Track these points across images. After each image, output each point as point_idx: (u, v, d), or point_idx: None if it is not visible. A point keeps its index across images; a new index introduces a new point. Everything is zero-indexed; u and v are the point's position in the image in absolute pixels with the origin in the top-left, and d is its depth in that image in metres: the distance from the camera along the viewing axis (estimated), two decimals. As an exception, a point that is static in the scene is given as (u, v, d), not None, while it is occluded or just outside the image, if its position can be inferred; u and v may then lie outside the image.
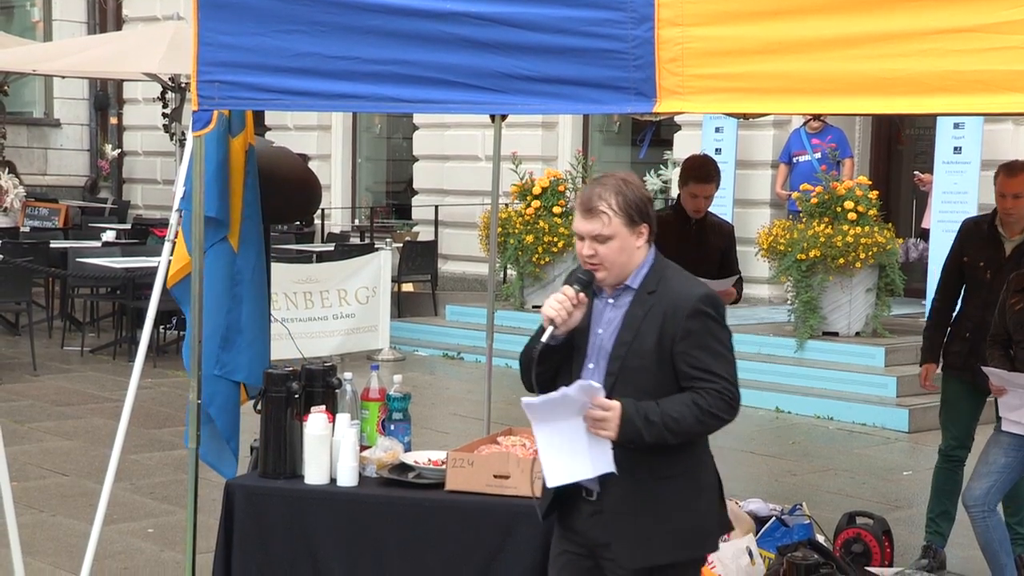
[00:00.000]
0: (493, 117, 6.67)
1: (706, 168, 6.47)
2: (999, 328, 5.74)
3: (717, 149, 13.44)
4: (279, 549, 4.73)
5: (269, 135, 16.32)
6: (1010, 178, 6.05)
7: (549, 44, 4.06)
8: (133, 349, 11.50)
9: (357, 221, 18.20)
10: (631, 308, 3.71)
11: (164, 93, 16.77)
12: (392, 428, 4.98)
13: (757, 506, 6.25)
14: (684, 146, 13.83)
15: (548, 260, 13.09)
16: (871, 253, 10.76)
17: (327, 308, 12.13)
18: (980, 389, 5.90)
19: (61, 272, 13.14)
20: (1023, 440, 5.56)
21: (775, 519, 6.05)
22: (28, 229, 16.35)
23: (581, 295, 3.68)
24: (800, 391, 10.63)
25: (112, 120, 21.09)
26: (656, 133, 15.37)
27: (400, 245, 14.74)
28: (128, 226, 17.03)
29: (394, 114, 16.92)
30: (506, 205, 13.51)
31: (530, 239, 12.91)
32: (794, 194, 12.00)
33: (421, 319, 14.39)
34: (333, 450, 4.74)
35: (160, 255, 5.44)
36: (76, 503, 7.38)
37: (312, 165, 14.70)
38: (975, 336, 6.07)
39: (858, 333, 11.12)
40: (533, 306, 13.08)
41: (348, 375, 5.02)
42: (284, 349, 6.46)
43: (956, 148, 12.00)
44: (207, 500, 5.19)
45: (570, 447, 3.60)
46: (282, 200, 5.62)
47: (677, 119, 14.05)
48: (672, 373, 3.65)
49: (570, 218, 10.79)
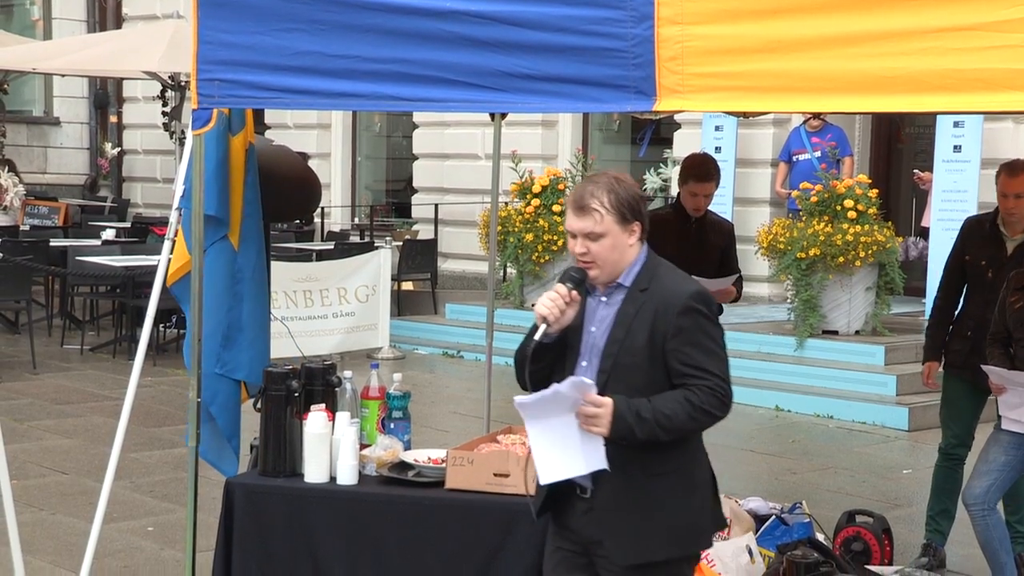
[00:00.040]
0: (493, 115, 6.66)
1: (706, 167, 6.47)
2: (999, 326, 5.74)
3: (717, 147, 13.44)
4: (279, 547, 4.73)
5: (269, 133, 16.31)
6: (1012, 178, 6.04)
7: (549, 42, 4.07)
8: (133, 347, 11.50)
9: (357, 219, 18.20)
10: (623, 306, 3.72)
11: (164, 91, 16.77)
12: (392, 426, 4.98)
13: (757, 504, 6.26)
14: (684, 144, 13.83)
15: (548, 258, 13.09)
16: (871, 251, 10.77)
17: (327, 306, 12.13)
18: (981, 388, 5.90)
19: (61, 270, 13.14)
20: (1023, 438, 5.56)
21: (775, 517, 6.05)
22: (28, 227, 16.35)
23: (574, 293, 3.69)
24: (800, 390, 10.63)
25: (112, 118, 21.09)
26: (656, 131, 15.37)
27: (400, 243, 14.74)
28: (128, 224, 17.03)
29: (394, 112, 16.92)
30: (506, 203, 13.51)
31: (530, 237, 12.91)
32: (794, 192, 12.00)
33: (421, 317, 14.39)
34: (333, 448, 4.74)
35: (160, 253, 5.44)
36: (76, 501, 7.38)
37: (312, 163, 14.71)
38: (976, 335, 6.07)
39: (858, 331, 11.12)
40: (532, 304, 13.06)
41: (348, 373, 5.02)
42: (284, 348, 6.45)
43: (956, 146, 12.00)
44: (207, 498, 5.19)
45: (563, 444, 3.60)
46: (282, 198, 5.62)
47: (677, 117, 14.05)
48: (664, 370, 3.66)
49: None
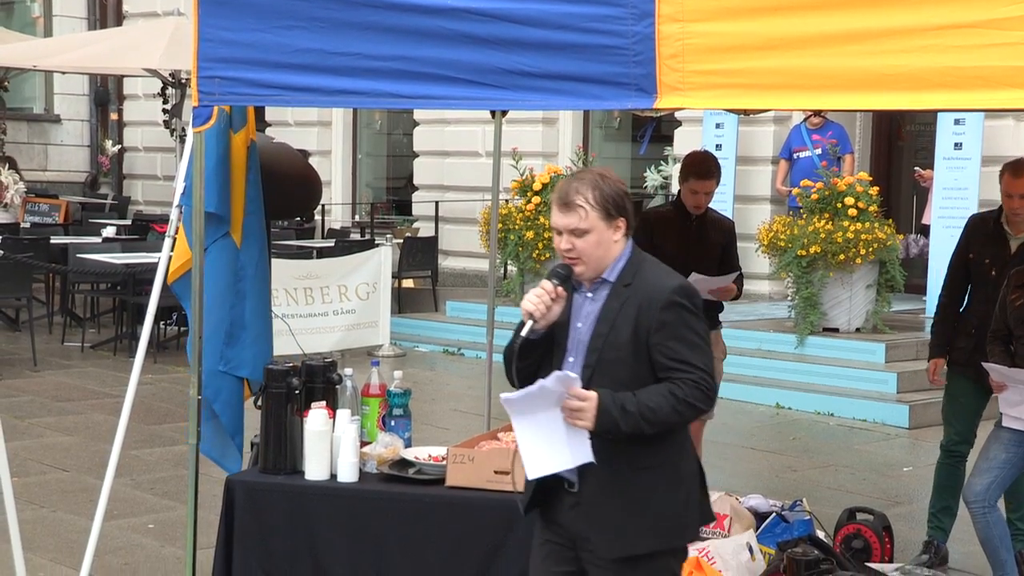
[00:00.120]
0: (493, 113, 6.67)
1: (706, 164, 6.47)
2: (1000, 324, 5.74)
3: (717, 145, 13.44)
4: (279, 545, 4.74)
5: (270, 131, 16.31)
6: (1016, 178, 6.04)
7: (550, 40, 4.07)
8: (133, 345, 11.49)
9: (357, 217, 18.20)
10: (608, 301, 3.74)
11: (164, 89, 16.77)
12: (392, 424, 4.98)
13: (757, 502, 6.26)
14: (684, 142, 13.83)
15: (548, 256, 13.07)
16: (871, 249, 10.76)
17: (327, 304, 12.13)
18: (984, 385, 5.90)
19: (61, 268, 13.14)
20: (1023, 436, 5.56)
21: (775, 515, 6.05)
22: (28, 225, 16.34)
23: (559, 289, 3.71)
24: (800, 387, 10.63)
25: (112, 116, 21.09)
26: (656, 129, 15.36)
27: (400, 241, 14.74)
28: (128, 222, 17.03)
29: (394, 110, 16.92)
30: (506, 201, 13.50)
31: (530, 235, 12.90)
32: (794, 190, 12.00)
33: (421, 315, 14.38)
34: (333, 446, 4.75)
35: (160, 251, 5.45)
36: (76, 499, 7.38)
37: (312, 161, 14.72)
38: (980, 332, 6.06)
39: (858, 329, 11.12)
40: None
41: (348, 371, 5.02)
42: (284, 345, 6.46)
43: (957, 144, 12.01)
44: (208, 496, 5.19)
45: (549, 438, 3.62)
46: (282, 196, 5.63)
47: (677, 115, 14.04)
48: (649, 365, 3.68)
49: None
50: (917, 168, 12.92)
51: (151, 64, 15.07)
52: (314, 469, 4.75)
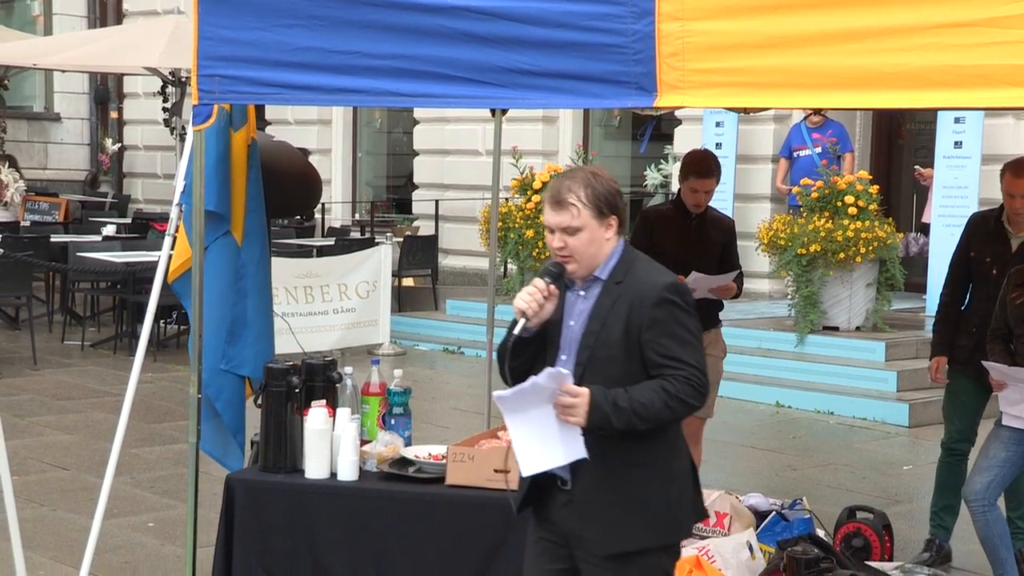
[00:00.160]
0: (493, 111, 6.67)
1: (706, 163, 6.46)
2: (1000, 322, 5.74)
3: (717, 143, 13.43)
4: (279, 543, 4.74)
5: (270, 129, 16.33)
6: (1017, 178, 6.03)
7: (549, 38, 4.07)
8: (133, 343, 11.50)
9: (357, 215, 18.20)
10: (599, 299, 3.75)
11: (164, 87, 16.77)
12: (392, 422, 4.98)
13: (757, 500, 6.26)
14: (684, 141, 13.82)
15: (548, 254, 13.03)
16: (871, 248, 10.76)
17: (327, 302, 12.13)
18: (985, 384, 5.89)
19: (61, 266, 13.14)
20: (1023, 434, 5.56)
21: (775, 513, 6.05)
22: (28, 223, 16.34)
23: (552, 287, 3.73)
24: (800, 386, 10.63)
25: (112, 114, 21.09)
26: (656, 128, 15.37)
27: (400, 239, 14.74)
28: (128, 220, 17.03)
29: (394, 108, 16.91)
30: (506, 199, 13.50)
31: (530, 233, 12.90)
32: (794, 188, 12.00)
33: (421, 313, 14.38)
34: (333, 444, 4.75)
35: (160, 249, 5.45)
36: (76, 497, 7.38)
37: (312, 159, 14.71)
38: (981, 331, 6.05)
39: (858, 328, 11.12)
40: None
41: (348, 370, 5.03)
42: (284, 344, 6.46)
43: (957, 143, 12.00)
44: (208, 494, 5.19)
45: (542, 435, 3.62)
46: (283, 194, 5.63)
47: (677, 113, 14.04)
48: (640, 362, 3.68)
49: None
50: (917, 167, 12.92)
51: (151, 62, 15.06)
52: (314, 467, 4.75)
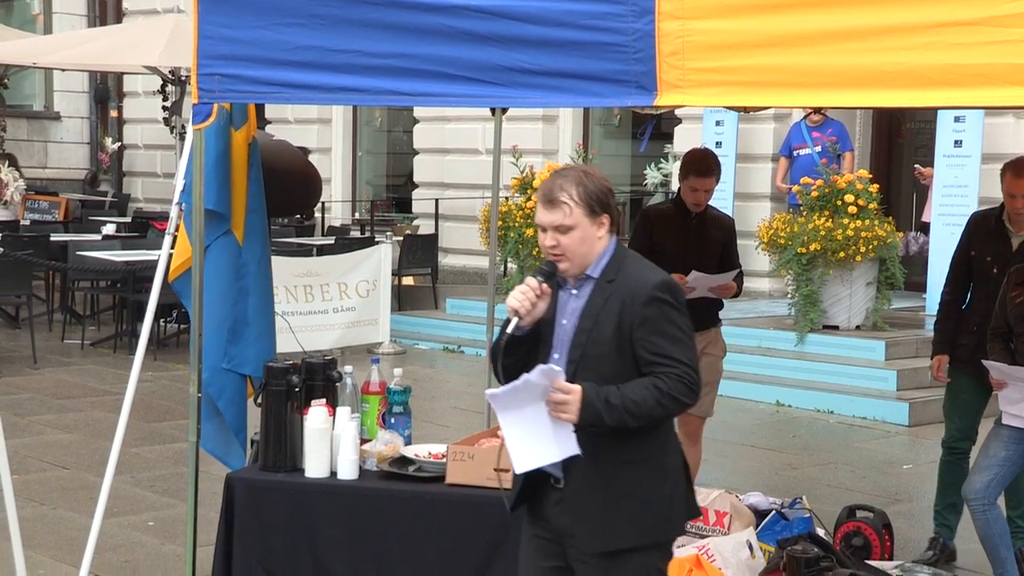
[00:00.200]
0: (493, 110, 6.66)
1: (706, 162, 6.46)
2: (1000, 321, 5.74)
3: (717, 142, 13.43)
4: (279, 542, 4.74)
5: (270, 128, 16.34)
6: (1017, 178, 6.03)
7: (549, 37, 4.07)
8: (133, 342, 11.50)
9: (357, 214, 18.20)
10: (591, 297, 3.77)
11: (164, 86, 16.77)
12: (392, 421, 4.98)
13: (757, 499, 6.26)
14: (684, 139, 13.82)
15: (548, 254, 13.07)
16: (871, 247, 10.75)
17: (327, 301, 12.13)
18: (986, 383, 5.89)
19: (61, 265, 13.14)
20: (1023, 433, 5.56)
21: (775, 512, 6.05)
22: (28, 222, 16.35)
23: (544, 286, 3.73)
24: (800, 385, 10.63)
25: (112, 113, 21.09)
26: (657, 127, 15.37)
27: (400, 238, 14.74)
28: (128, 219, 17.04)
29: (394, 107, 16.91)
30: (506, 198, 13.50)
31: (530, 232, 12.89)
32: (794, 187, 11.99)
33: (421, 312, 14.38)
34: (333, 443, 4.75)
35: (160, 248, 5.45)
36: (76, 496, 7.38)
37: (312, 158, 14.70)
38: (982, 330, 6.05)
39: (858, 327, 11.11)
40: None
41: (348, 368, 5.03)
42: (284, 343, 6.45)
43: (957, 141, 12.00)
44: (208, 493, 5.19)
45: (535, 432, 3.64)
46: (283, 193, 5.63)
47: (677, 112, 14.05)
48: (632, 360, 3.69)
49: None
50: (917, 165, 12.91)
51: (151, 61, 15.06)
52: (314, 467, 4.75)
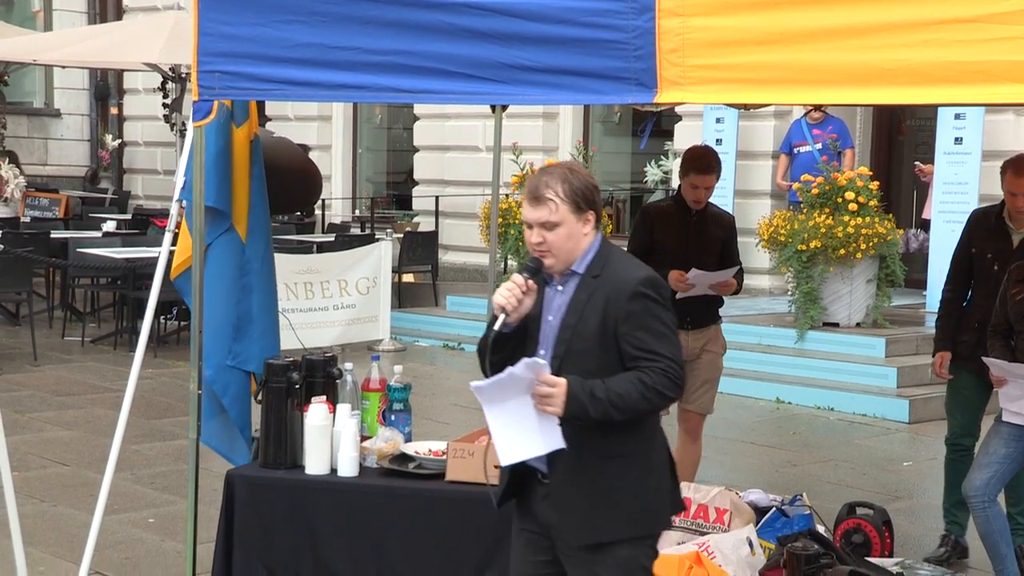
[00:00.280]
0: (494, 108, 6.66)
1: (707, 159, 6.46)
2: (1000, 318, 5.74)
3: (718, 140, 13.42)
4: (280, 539, 4.74)
5: (270, 125, 16.32)
6: (1018, 177, 6.03)
7: (550, 34, 4.07)
8: (134, 339, 11.50)
9: (358, 211, 18.19)
10: (576, 292, 3.78)
11: (165, 83, 16.77)
12: (393, 418, 4.98)
13: (757, 496, 6.25)
14: (685, 137, 13.82)
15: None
16: (872, 244, 10.75)
17: (328, 299, 12.13)
18: (987, 380, 5.89)
19: (62, 262, 13.14)
20: (1023, 431, 5.56)
21: (775, 509, 6.05)
22: (28, 219, 16.34)
23: (530, 282, 3.75)
24: (800, 382, 10.62)
25: (112, 110, 21.09)
26: (657, 124, 15.37)
27: (401, 235, 14.73)
28: (128, 216, 17.04)
29: (395, 104, 16.90)
30: (507, 196, 13.50)
31: (531, 230, 12.88)
32: (795, 185, 11.98)
33: (422, 309, 14.39)
34: (334, 440, 4.75)
35: (160, 245, 5.44)
36: (77, 493, 7.38)
37: (313, 155, 14.70)
38: (983, 327, 6.04)
39: (859, 324, 11.11)
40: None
41: (349, 365, 5.03)
42: (285, 340, 6.45)
43: (957, 138, 11.99)
44: (208, 490, 5.20)
45: (520, 425, 3.65)
46: (283, 190, 5.62)
47: (678, 110, 14.04)
48: (616, 355, 3.71)
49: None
50: (917, 163, 12.91)
51: (151, 58, 15.06)
52: (314, 464, 4.76)
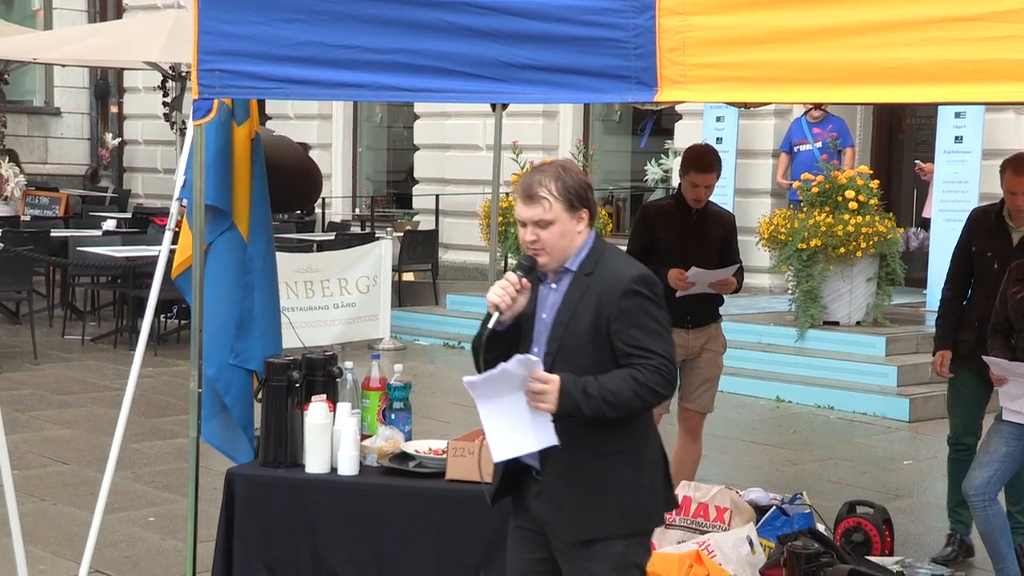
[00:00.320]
0: (494, 106, 6.67)
1: (707, 157, 6.46)
2: (1000, 317, 5.74)
3: (718, 138, 13.42)
4: (280, 538, 4.74)
5: (270, 124, 16.32)
6: (1017, 176, 6.03)
7: (550, 33, 4.07)
8: (134, 338, 11.50)
9: (358, 210, 18.19)
10: (569, 290, 3.80)
11: (165, 82, 16.76)
12: (393, 417, 4.98)
13: (758, 495, 6.25)
14: (685, 135, 13.81)
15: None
16: (872, 242, 10.75)
17: (328, 297, 12.12)
18: (989, 378, 5.90)
19: (62, 261, 13.14)
20: (1023, 429, 5.56)
21: (776, 508, 6.05)
22: (29, 218, 16.34)
23: (524, 280, 3.76)
24: (801, 380, 10.62)
25: (112, 109, 21.08)
26: (657, 122, 15.35)
27: (401, 234, 14.73)
28: (129, 215, 17.03)
29: (395, 103, 16.90)
30: (507, 194, 13.50)
31: (531, 228, 12.88)
32: (795, 183, 11.98)
33: (422, 308, 14.38)
34: (334, 439, 4.75)
35: (161, 244, 5.44)
36: (77, 491, 7.38)
37: (313, 154, 14.69)
38: (983, 325, 6.04)
39: (859, 322, 11.11)
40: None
41: (349, 364, 5.03)
42: (285, 338, 6.45)
43: (957, 137, 11.99)
44: (208, 489, 5.20)
45: (513, 422, 3.66)
46: (283, 189, 5.62)
47: (678, 108, 14.03)
48: (609, 352, 3.72)
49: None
50: (918, 161, 12.91)
51: (151, 57, 15.05)
52: (314, 462, 4.76)
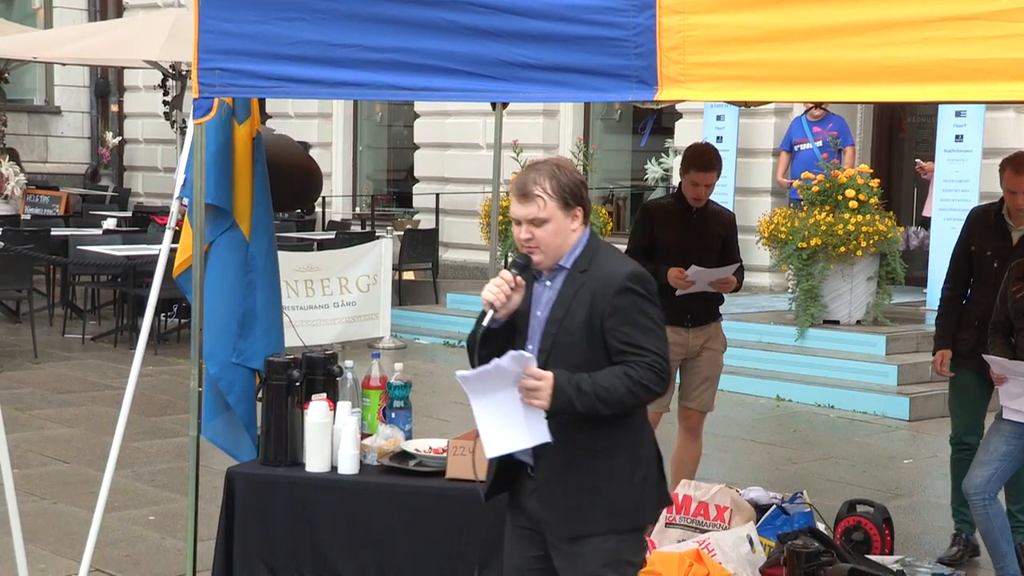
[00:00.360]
0: (494, 105, 6.66)
1: (707, 156, 6.46)
2: (1000, 316, 5.74)
3: (718, 137, 13.42)
4: (280, 536, 4.74)
5: (270, 123, 16.32)
6: (1017, 175, 6.03)
7: (550, 32, 4.07)
8: (134, 337, 11.50)
9: (358, 209, 18.19)
10: (563, 287, 3.81)
11: (165, 81, 16.75)
12: (393, 416, 4.99)
13: (758, 494, 6.26)
14: (685, 134, 13.81)
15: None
16: (872, 241, 10.75)
17: (328, 296, 12.12)
18: (989, 377, 5.90)
19: (62, 260, 13.14)
20: (1023, 428, 5.56)
21: (776, 507, 6.05)
22: (29, 217, 16.34)
23: (518, 278, 3.78)
24: (801, 379, 10.62)
25: (113, 108, 21.07)
26: (657, 121, 15.31)
27: (401, 233, 14.73)
28: (129, 214, 17.02)
29: (395, 102, 16.89)
30: (507, 193, 13.43)
31: (531, 227, 12.87)
32: (795, 182, 11.98)
33: (422, 307, 14.39)
34: (334, 438, 4.75)
35: (161, 243, 5.44)
36: (77, 490, 7.38)
37: (313, 153, 14.70)
38: (983, 325, 6.04)
39: (859, 321, 11.11)
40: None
41: (349, 363, 5.03)
42: (286, 337, 6.46)
43: (957, 136, 11.99)
44: (208, 488, 5.20)
45: (506, 417, 3.67)
46: (283, 188, 5.62)
47: (678, 107, 14.02)
48: (603, 350, 3.73)
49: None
50: (918, 160, 12.90)
51: (151, 56, 15.04)
52: (315, 461, 4.76)
